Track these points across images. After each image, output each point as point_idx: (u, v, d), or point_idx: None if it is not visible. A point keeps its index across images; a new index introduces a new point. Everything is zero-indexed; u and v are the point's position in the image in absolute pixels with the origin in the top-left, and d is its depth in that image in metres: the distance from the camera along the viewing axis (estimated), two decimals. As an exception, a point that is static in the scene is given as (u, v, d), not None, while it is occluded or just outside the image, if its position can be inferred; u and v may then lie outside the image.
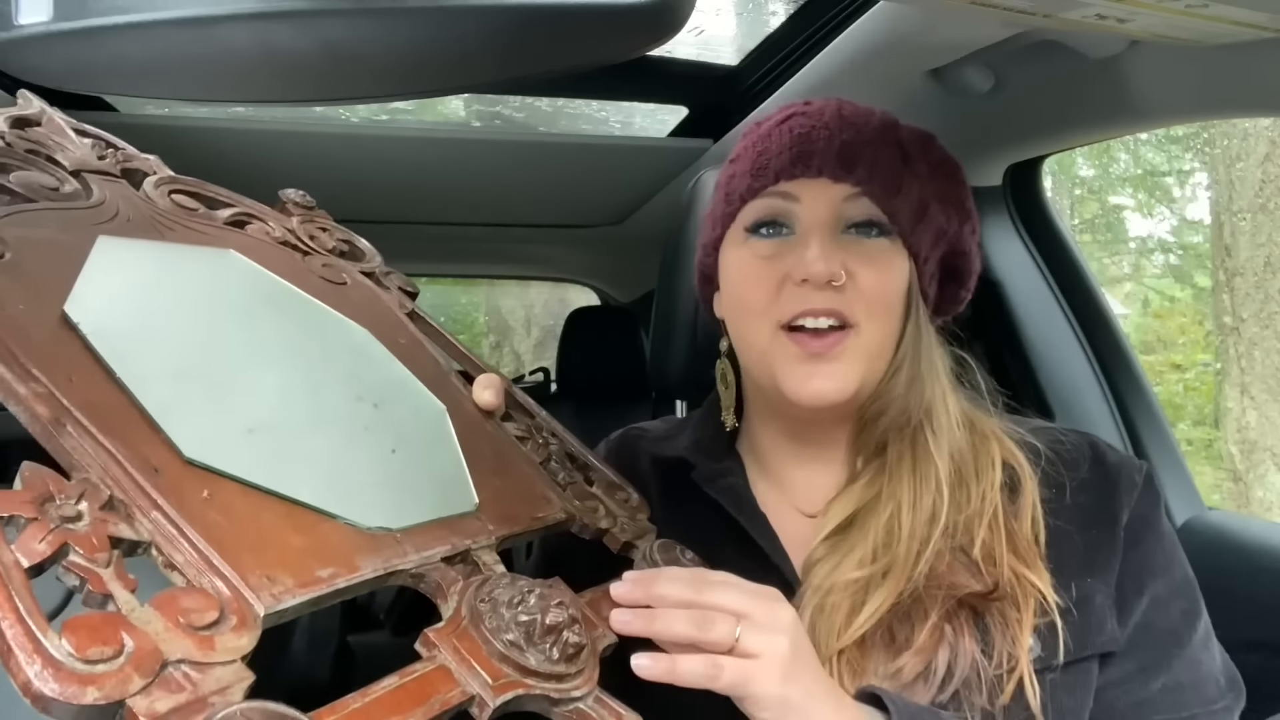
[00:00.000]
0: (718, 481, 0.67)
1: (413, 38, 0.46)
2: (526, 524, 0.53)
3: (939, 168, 0.66)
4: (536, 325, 6.76)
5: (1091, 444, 0.66)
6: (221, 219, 0.61)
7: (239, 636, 0.35)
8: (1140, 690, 0.59)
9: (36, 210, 0.50)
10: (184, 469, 0.40)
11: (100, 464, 0.37)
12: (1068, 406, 1.11)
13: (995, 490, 0.61)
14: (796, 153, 0.63)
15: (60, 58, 0.48)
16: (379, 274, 0.68)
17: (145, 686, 0.31)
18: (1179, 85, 0.82)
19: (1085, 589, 0.59)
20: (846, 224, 0.63)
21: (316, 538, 0.42)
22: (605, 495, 0.61)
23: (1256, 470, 4.13)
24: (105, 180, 0.56)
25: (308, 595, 0.38)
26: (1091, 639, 0.58)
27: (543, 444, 0.62)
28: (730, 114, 1.28)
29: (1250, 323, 4.08)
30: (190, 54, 0.46)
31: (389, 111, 1.42)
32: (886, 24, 0.87)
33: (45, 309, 0.43)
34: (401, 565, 0.44)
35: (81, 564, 0.33)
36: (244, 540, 0.38)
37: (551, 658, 0.43)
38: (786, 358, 0.61)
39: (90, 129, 0.61)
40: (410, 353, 0.60)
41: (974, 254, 0.68)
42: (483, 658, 0.41)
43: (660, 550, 0.57)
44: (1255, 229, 4.01)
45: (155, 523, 0.36)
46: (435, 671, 0.40)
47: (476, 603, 0.44)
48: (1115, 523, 0.62)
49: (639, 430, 0.78)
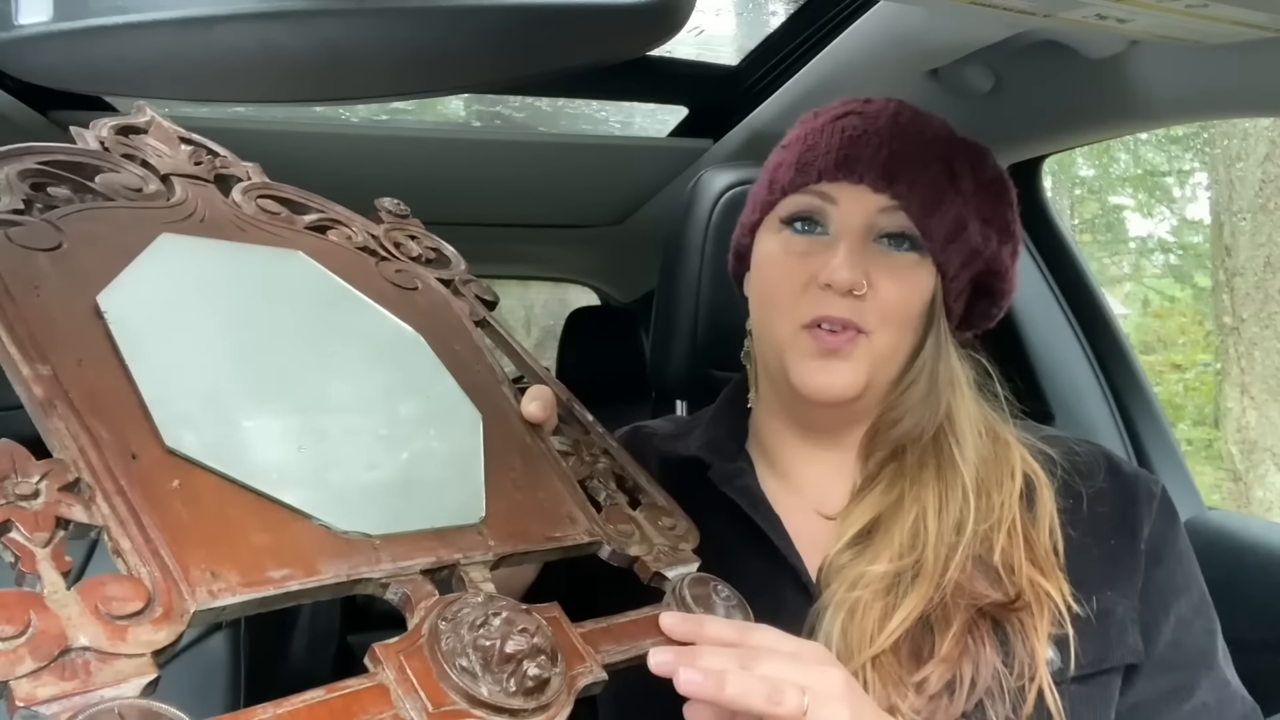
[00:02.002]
0: (734, 482, 0.67)
1: (413, 38, 0.46)
2: (537, 542, 0.50)
3: (987, 187, 0.66)
4: (536, 325, 6.76)
5: (1106, 454, 0.67)
6: (303, 224, 0.61)
7: (156, 630, 0.34)
8: (1173, 711, 0.59)
9: (110, 208, 0.51)
10: (163, 457, 0.40)
11: (79, 446, 0.37)
12: (1068, 407, 1.11)
13: (1014, 500, 0.61)
14: (843, 155, 0.63)
15: (60, 58, 0.48)
16: (458, 281, 0.67)
17: (36, 670, 0.31)
18: (1179, 85, 0.82)
19: (1106, 601, 0.59)
20: (879, 233, 0.63)
21: (283, 537, 0.40)
22: (647, 520, 0.58)
23: (1256, 470, 4.13)
24: (193, 183, 0.57)
25: (250, 595, 0.37)
26: (1112, 651, 0.58)
27: (589, 461, 0.60)
28: (730, 114, 1.28)
29: (1250, 323, 4.08)
30: (190, 54, 0.46)
31: (389, 111, 1.42)
32: (886, 24, 0.87)
33: (81, 297, 0.44)
34: (370, 574, 0.42)
35: (19, 541, 0.34)
36: (200, 533, 0.38)
37: (507, 689, 0.39)
38: (802, 353, 0.62)
39: (196, 137, 0.62)
40: (462, 360, 0.59)
41: (1010, 274, 0.67)
42: (430, 681, 0.38)
43: (692, 585, 0.53)
44: (1255, 229, 4.01)
45: (114, 506, 0.36)
46: (371, 690, 0.37)
47: (438, 621, 0.41)
48: (1135, 536, 0.62)
49: (647, 429, 0.77)
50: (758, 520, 0.64)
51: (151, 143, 0.59)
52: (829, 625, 0.58)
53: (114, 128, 0.57)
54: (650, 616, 0.50)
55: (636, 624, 0.49)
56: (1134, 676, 0.60)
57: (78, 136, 0.55)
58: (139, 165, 0.56)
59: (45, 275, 0.44)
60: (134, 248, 0.48)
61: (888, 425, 0.65)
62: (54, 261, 0.45)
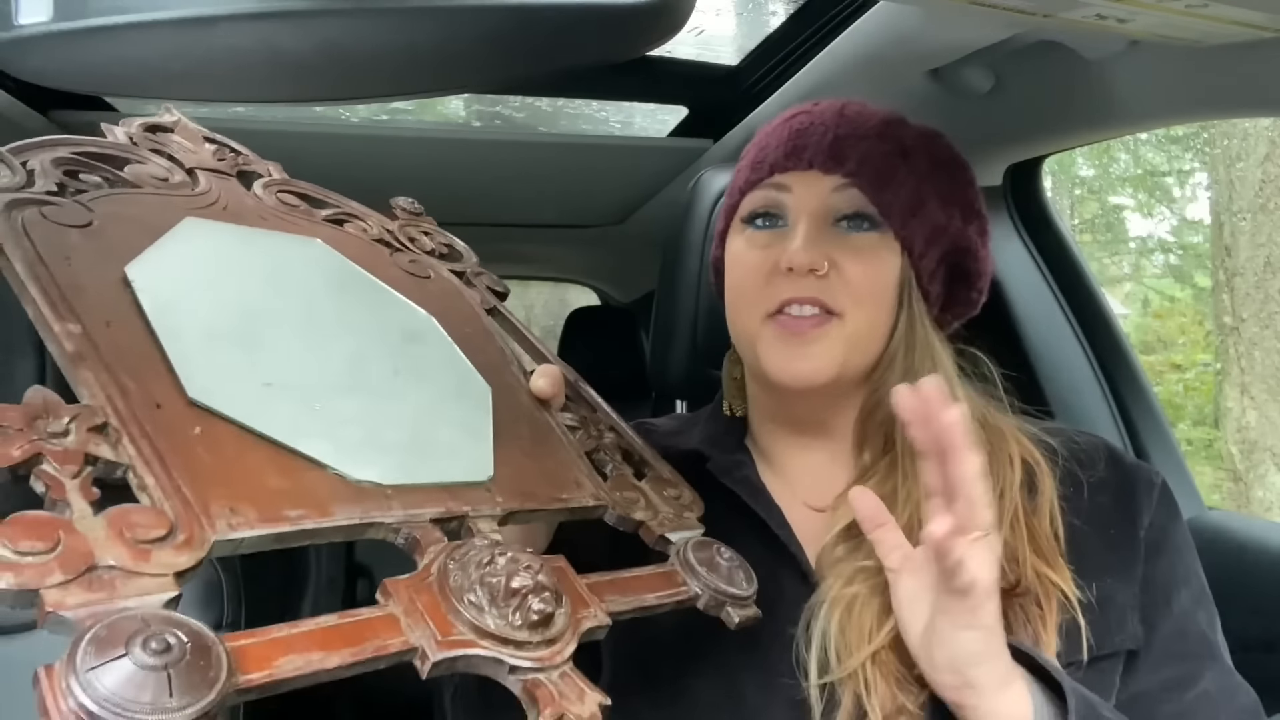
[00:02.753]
0: (733, 473, 0.68)
1: (413, 38, 0.47)
2: (545, 502, 0.52)
3: (943, 165, 0.66)
4: (536, 325, 6.76)
5: (1106, 445, 0.67)
6: (320, 217, 0.63)
7: (178, 554, 0.36)
8: (1177, 699, 0.59)
9: (138, 194, 0.53)
10: (186, 408, 0.42)
11: (106, 394, 0.39)
12: (1068, 406, 1.11)
13: (1015, 490, 0.61)
14: (791, 146, 0.65)
15: (60, 58, 0.48)
16: (470, 274, 0.69)
17: (64, 581, 0.32)
18: (1179, 85, 0.82)
19: (1106, 588, 0.59)
20: (837, 216, 0.64)
21: (298, 482, 0.42)
22: (652, 490, 0.60)
23: (1256, 470, 4.13)
24: (216, 176, 0.59)
25: (268, 530, 0.39)
26: (1112, 637, 0.59)
27: (595, 435, 0.61)
28: (730, 114, 1.28)
29: (1250, 323, 4.08)
30: (191, 54, 0.46)
31: (389, 111, 1.42)
32: (886, 24, 0.88)
33: (110, 268, 0.46)
34: (381, 519, 0.43)
35: (49, 473, 0.35)
36: (220, 474, 0.40)
37: (513, 622, 0.41)
38: (771, 341, 0.63)
39: (219, 137, 0.64)
40: (474, 341, 0.60)
41: (982, 255, 0.68)
42: (438, 613, 0.40)
43: (696, 548, 0.55)
44: (1255, 229, 4.01)
45: (140, 448, 0.38)
46: (382, 618, 0.39)
47: (447, 561, 0.43)
48: (1134, 524, 0.63)
49: (649, 425, 0.78)
50: (757, 510, 0.65)
51: (177, 140, 0.61)
52: (825, 621, 0.58)
53: (142, 125, 0.60)
54: (654, 574, 0.52)
55: (641, 579, 0.51)
56: (1137, 665, 0.60)
57: (108, 132, 0.58)
58: (165, 159, 0.58)
59: (76, 248, 0.46)
60: (160, 228, 0.51)
61: (871, 410, 0.65)
62: (85, 236, 0.47)
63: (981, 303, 0.70)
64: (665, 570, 0.53)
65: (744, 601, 0.54)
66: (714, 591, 0.53)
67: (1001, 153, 1.11)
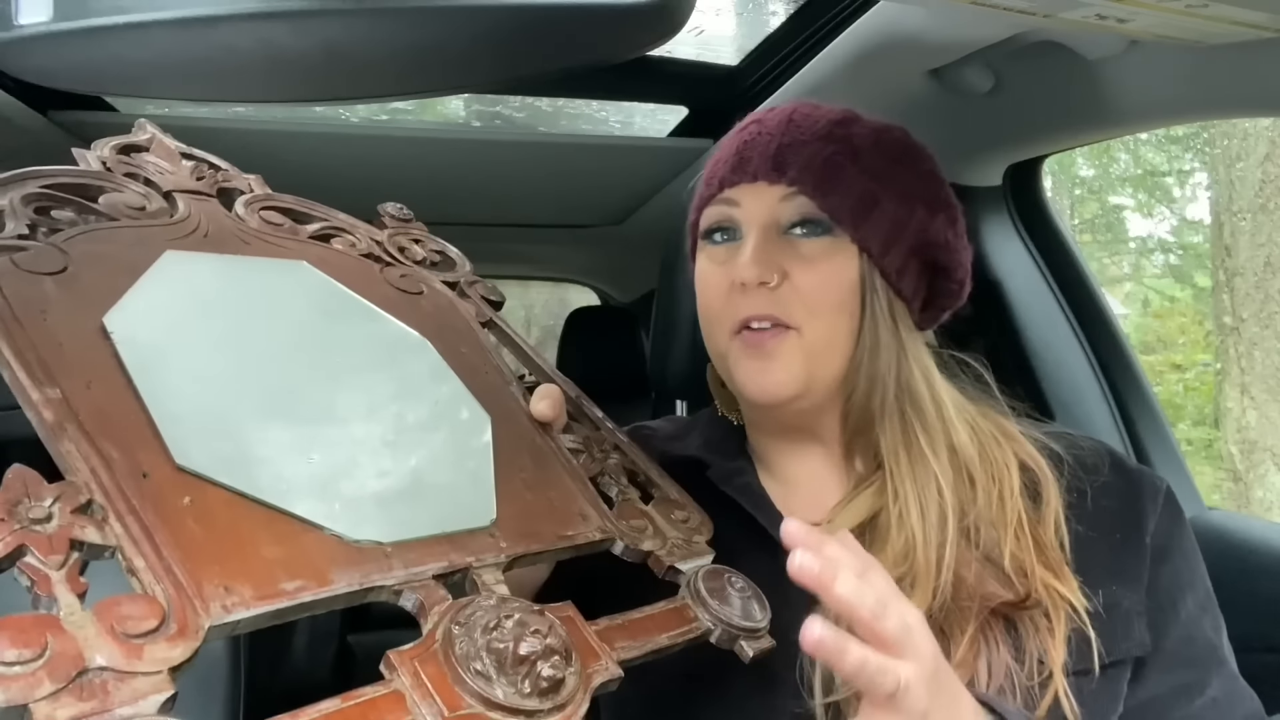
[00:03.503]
0: (734, 480, 0.67)
1: (413, 38, 0.46)
2: (550, 542, 0.51)
3: (898, 160, 0.65)
4: (536, 325, 6.75)
5: (1110, 450, 0.67)
6: (306, 233, 0.62)
7: (172, 647, 0.34)
8: (1186, 706, 0.59)
9: (114, 228, 0.51)
10: (174, 475, 0.40)
11: (90, 467, 0.38)
12: (1068, 406, 1.11)
13: (1016, 497, 0.60)
14: (738, 159, 0.65)
15: (60, 58, 0.48)
16: (463, 284, 0.68)
17: (55, 692, 0.31)
18: (1179, 85, 0.82)
19: (1112, 596, 0.59)
20: (787, 225, 0.63)
21: (294, 549, 0.41)
22: (660, 515, 0.58)
23: (1256, 470, 4.13)
24: (196, 199, 0.58)
25: (265, 608, 0.38)
26: (1119, 644, 0.58)
27: (600, 457, 0.60)
28: (730, 114, 1.27)
29: (1250, 323, 4.08)
30: (190, 54, 0.46)
31: (389, 111, 1.42)
32: (886, 24, 0.87)
33: (88, 318, 0.44)
34: (382, 581, 0.42)
35: (34, 566, 0.34)
36: (212, 548, 0.38)
37: (522, 691, 0.40)
38: (738, 357, 0.63)
39: (197, 152, 0.62)
40: (470, 363, 0.59)
41: (955, 246, 0.66)
42: (445, 686, 0.38)
43: (707, 578, 0.53)
44: (1255, 229, 4.01)
45: (128, 526, 0.37)
46: (387, 697, 0.37)
47: (452, 625, 0.41)
48: (1140, 530, 0.62)
49: (648, 430, 0.77)
50: (759, 517, 0.64)
51: (153, 160, 0.59)
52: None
53: (115, 147, 0.58)
54: (664, 611, 0.50)
55: (652, 619, 0.49)
56: (1145, 672, 0.60)
57: (79, 158, 0.55)
58: (141, 184, 0.56)
59: (51, 299, 0.44)
60: (139, 267, 0.49)
61: (849, 414, 0.65)
62: (60, 285, 0.45)
63: (966, 293, 0.68)
64: (676, 606, 0.51)
65: (757, 634, 0.52)
66: (726, 625, 0.51)
67: (1001, 153, 1.11)
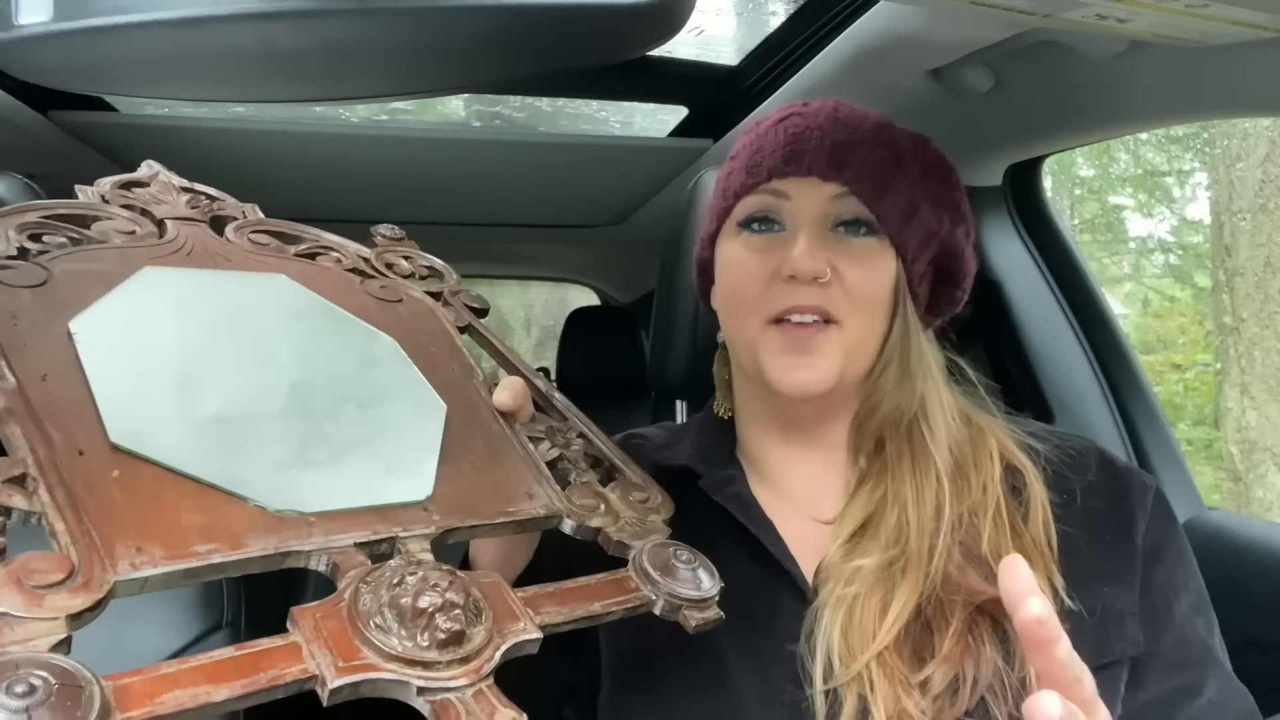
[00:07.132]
0: (725, 489, 0.67)
1: (413, 38, 0.46)
2: (488, 517, 0.51)
3: (932, 170, 0.67)
4: (536, 325, 6.76)
5: (1097, 449, 0.67)
6: (292, 252, 0.63)
7: (74, 597, 0.36)
8: (1184, 709, 0.59)
9: (99, 249, 0.54)
10: (108, 453, 0.43)
11: (31, 446, 0.41)
12: (1068, 407, 1.11)
13: (996, 483, 0.61)
14: (789, 151, 0.65)
15: (60, 58, 0.48)
16: (447, 293, 0.68)
17: None
18: (1179, 85, 0.82)
19: (1105, 597, 0.59)
20: (835, 222, 0.64)
21: (215, 517, 0.43)
22: (618, 496, 0.58)
23: (1256, 470, 4.13)
24: (186, 224, 0.59)
25: (174, 566, 0.40)
26: (1113, 645, 0.58)
27: (561, 444, 0.60)
28: (730, 114, 1.28)
29: (1250, 323, 4.08)
30: (190, 54, 0.46)
31: (389, 111, 1.42)
32: (886, 24, 0.87)
33: (57, 324, 0.47)
34: (299, 547, 0.43)
35: None
36: (132, 515, 0.41)
37: (420, 644, 0.40)
38: (773, 349, 0.63)
39: (197, 186, 0.64)
40: (436, 360, 0.60)
41: (968, 256, 0.68)
42: (345, 639, 0.40)
43: (652, 553, 0.54)
44: (1255, 229, 4.01)
45: (55, 495, 0.40)
46: (283, 648, 0.39)
47: (359, 585, 0.42)
48: (1130, 530, 0.62)
49: (640, 438, 0.77)
50: (750, 526, 0.64)
51: (150, 193, 0.61)
52: (828, 624, 0.58)
53: (115, 183, 0.60)
54: (604, 582, 0.50)
55: (589, 588, 0.49)
56: (1142, 676, 0.60)
57: (80, 193, 0.58)
58: (136, 213, 0.58)
59: (25, 307, 0.47)
60: (115, 280, 0.51)
61: (868, 413, 0.66)
62: (35, 296, 0.48)
63: (964, 300, 0.70)
64: (617, 577, 0.51)
65: (703, 604, 0.52)
66: (669, 595, 0.51)
67: (1001, 153, 1.11)
